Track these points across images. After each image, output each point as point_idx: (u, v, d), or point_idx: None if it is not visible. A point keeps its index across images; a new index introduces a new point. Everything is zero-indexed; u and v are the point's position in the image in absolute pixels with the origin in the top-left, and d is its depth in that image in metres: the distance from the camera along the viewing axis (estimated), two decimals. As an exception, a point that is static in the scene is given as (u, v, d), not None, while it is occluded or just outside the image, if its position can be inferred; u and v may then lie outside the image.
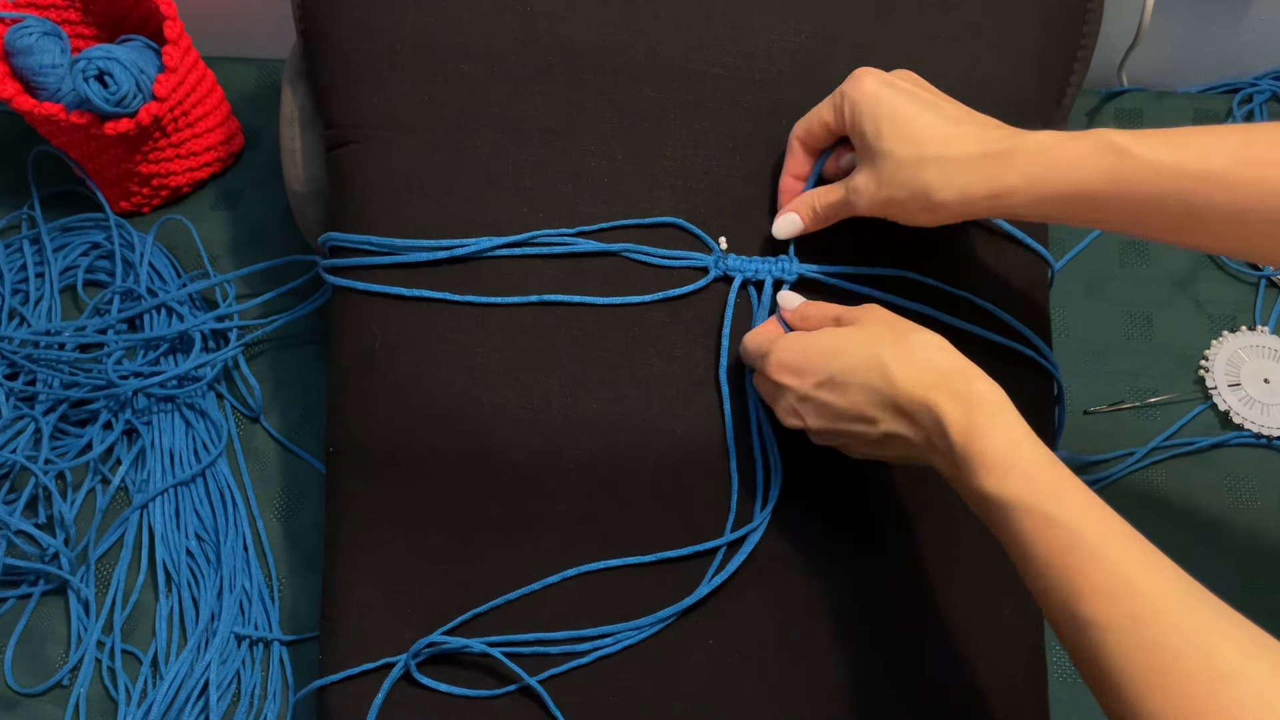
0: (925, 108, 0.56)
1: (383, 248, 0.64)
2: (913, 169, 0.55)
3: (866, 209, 0.58)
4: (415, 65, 0.64)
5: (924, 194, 0.55)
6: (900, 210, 0.57)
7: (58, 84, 0.77)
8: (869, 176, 0.57)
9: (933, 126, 0.55)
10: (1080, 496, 0.48)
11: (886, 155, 0.56)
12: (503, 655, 0.61)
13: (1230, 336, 0.79)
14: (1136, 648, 0.44)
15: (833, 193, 0.60)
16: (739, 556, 0.62)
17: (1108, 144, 0.52)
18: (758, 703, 0.62)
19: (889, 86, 0.57)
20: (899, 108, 0.56)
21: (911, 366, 0.53)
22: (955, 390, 0.51)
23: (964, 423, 0.50)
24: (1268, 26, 0.86)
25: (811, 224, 0.61)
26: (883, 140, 0.56)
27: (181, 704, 0.70)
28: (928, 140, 0.55)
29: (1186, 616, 0.44)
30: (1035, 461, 0.49)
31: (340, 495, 0.65)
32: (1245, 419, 0.76)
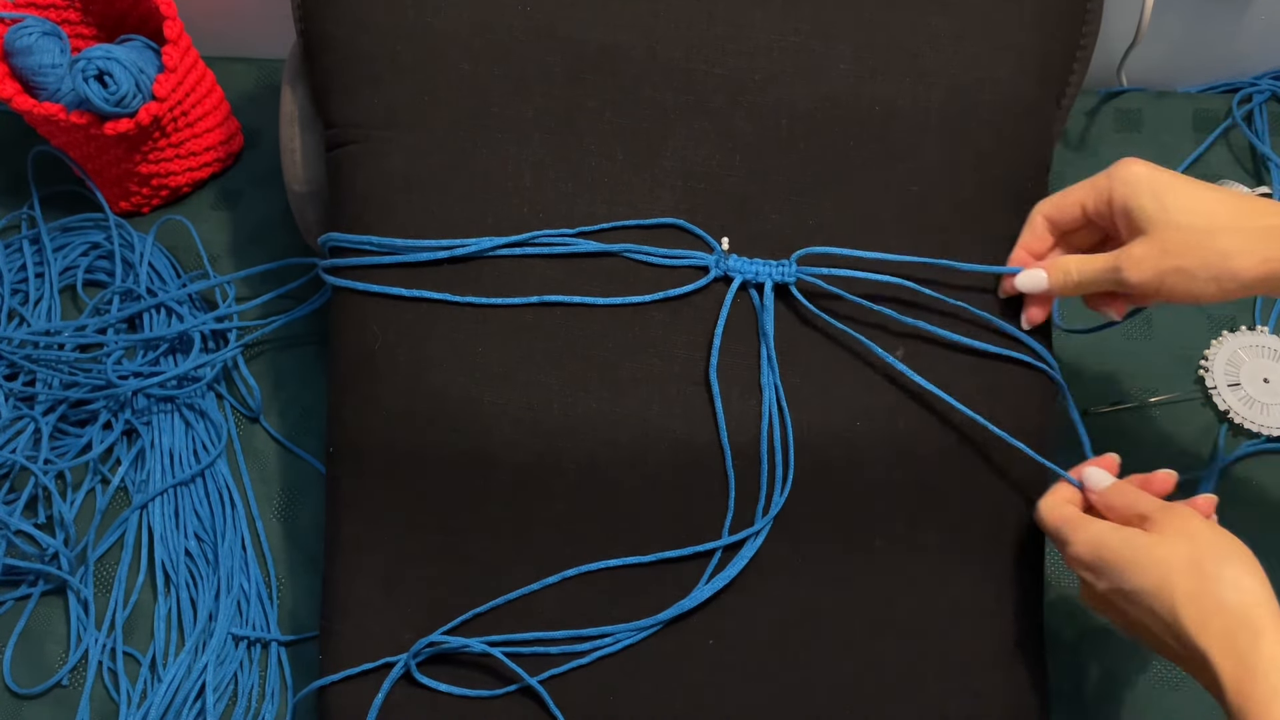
0: (1208, 189, 0.56)
1: (382, 248, 0.64)
2: (1206, 237, 0.54)
3: (1138, 279, 0.56)
4: (415, 65, 0.64)
5: (1218, 261, 0.54)
6: (1183, 280, 0.55)
7: (57, 84, 0.77)
8: (1149, 247, 0.56)
9: (1223, 200, 0.55)
10: None
11: (1173, 226, 0.55)
12: (503, 655, 0.61)
13: (1230, 336, 0.79)
14: None
15: (1097, 260, 0.59)
16: (738, 562, 0.62)
17: None
18: (758, 703, 0.62)
19: (1161, 171, 0.57)
20: (1180, 185, 0.56)
21: (1200, 608, 0.50)
22: (1239, 648, 0.49)
23: (1237, 688, 0.48)
24: (1267, 26, 0.86)
25: (1060, 287, 0.61)
26: (1169, 213, 0.55)
27: (179, 706, 0.69)
28: (1219, 212, 0.54)
29: None
30: None
31: (340, 495, 0.65)
32: (1245, 419, 0.76)
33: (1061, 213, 0.61)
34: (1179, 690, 0.69)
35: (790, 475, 0.62)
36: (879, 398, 0.63)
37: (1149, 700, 0.69)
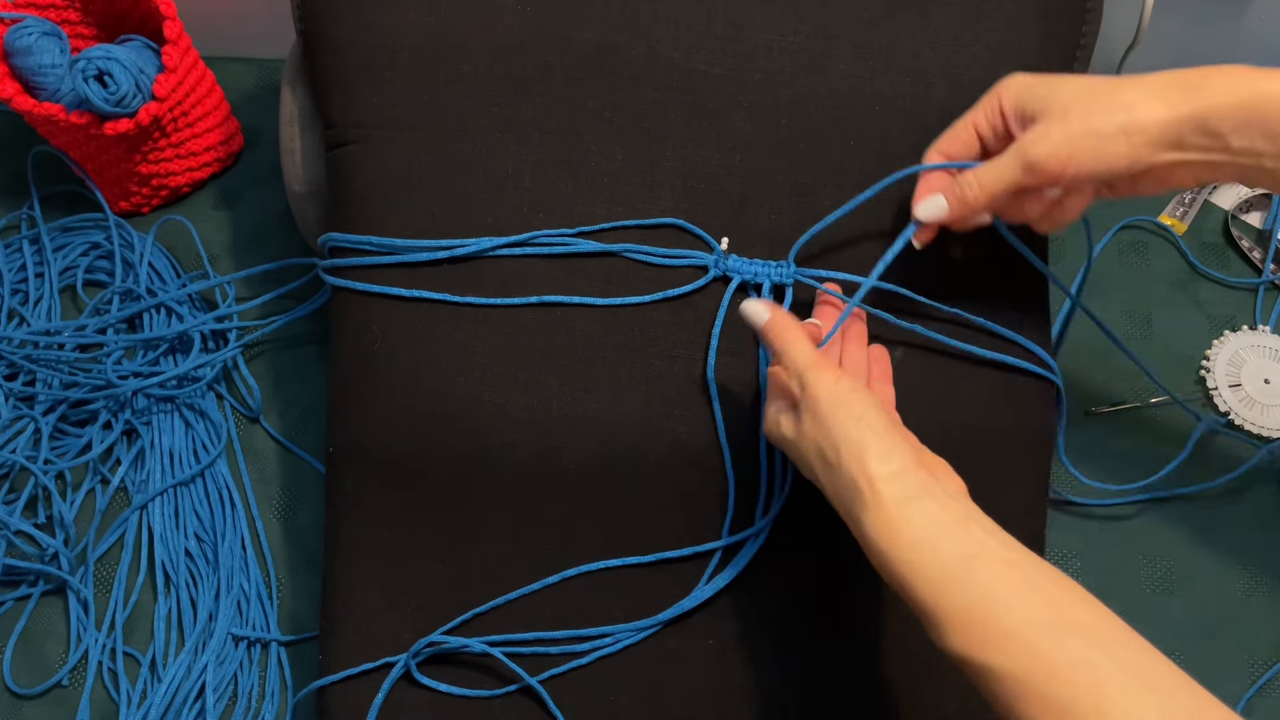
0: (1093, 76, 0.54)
1: (382, 248, 0.64)
2: (1108, 94, 0.52)
3: (1048, 151, 0.53)
4: (415, 65, 0.64)
5: (1124, 114, 0.52)
6: (1094, 143, 0.52)
7: (57, 84, 0.77)
8: (1052, 120, 0.53)
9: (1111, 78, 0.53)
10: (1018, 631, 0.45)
11: (1072, 94, 0.53)
12: (503, 655, 0.61)
13: (1232, 336, 0.78)
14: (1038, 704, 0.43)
15: (997, 159, 0.55)
16: (738, 563, 0.62)
17: None
18: (758, 703, 0.62)
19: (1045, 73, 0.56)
20: (1068, 76, 0.54)
21: (837, 487, 0.51)
22: (874, 525, 0.49)
23: (888, 571, 0.49)
24: (1267, 26, 0.86)
25: (959, 207, 0.57)
26: (1061, 90, 0.53)
27: (179, 706, 0.69)
28: (1112, 79, 0.53)
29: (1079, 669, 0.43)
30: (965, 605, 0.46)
31: (340, 495, 0.65)
32: (1245, 420, 0.76)
33: (957, 142, 0.58)
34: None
35: (789, 478, 0.62)
36: (879, 398, 0.63)
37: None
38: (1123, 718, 0.42)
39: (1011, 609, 0.45)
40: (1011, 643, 0.44)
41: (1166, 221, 0.83)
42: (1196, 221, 0.83)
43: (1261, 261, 0.81)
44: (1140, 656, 0.44)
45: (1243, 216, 0.83)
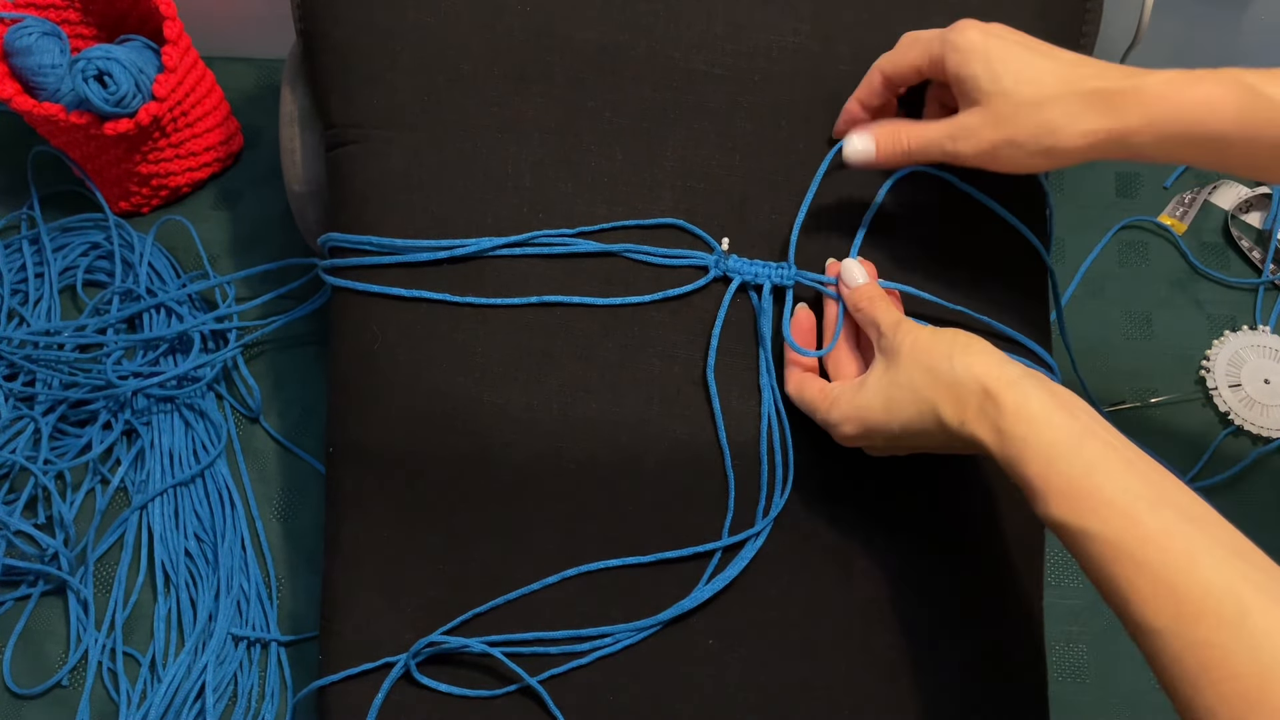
0: (1039, 52, 0.55)
1: (382, 248, 0.64)
2: (1033, 109, 0.54)
3: (971, 151, 0.56)
4: (415, 65, 0.64)
5: (1046, 133, 0.54)
6: (1014, 153, 0.55)
7: (57, 84, 0.77)
8: (982, 117, 0.55)
9: (1050, 67, 0.54)
10: (1117, 500, 0.47)
11: (1003, 95, 0.54)
12: (503, 655, 0.61)
13: (1233, 336, 0.79)
14: (1185, 649, 0.44)
15: (930, 129, 0.57)
16: (738, 563, 0.62)
17: (1238, 83, 0.51)
18: (758, 703, 0.62)
19: (996, 35, 0.56)
20: (1012, 51, 0.55)
21: (955, 408, 0.52)
22: (990, 419, 0.51)
23: (1002, 454, 0.50)
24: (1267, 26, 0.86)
25: (886, 156, 0.59)
26: (999, 81, 0.54)
27: (179, 706, 0.69)
28: (1047, 80, 0.54)
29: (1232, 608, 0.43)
30: (1070, 476, 0.48)
31: (340, 495, 0.65)
32: (1245, 420, 0.76)
33: (899, 70, 0.59)
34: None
35: (790, 478, 0.62)
36: (879, 398, 0.63)
37: (1148, 699, 0.69)
38: (1213, 578, 0.44)
39: (1113, 480, 0.47)
40: (1110, 511, 0.47)
41: (1166, 221, 0.83)
42: (1196, 221, 0.83)
43: (1261, 261, 0.81)
44: (1231, 534, 0.46)
45: (1243, 216, 0.83)
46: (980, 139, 0.55)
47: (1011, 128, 0.54)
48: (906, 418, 0.54)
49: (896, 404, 0.55)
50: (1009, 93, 0.54)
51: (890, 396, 0.55)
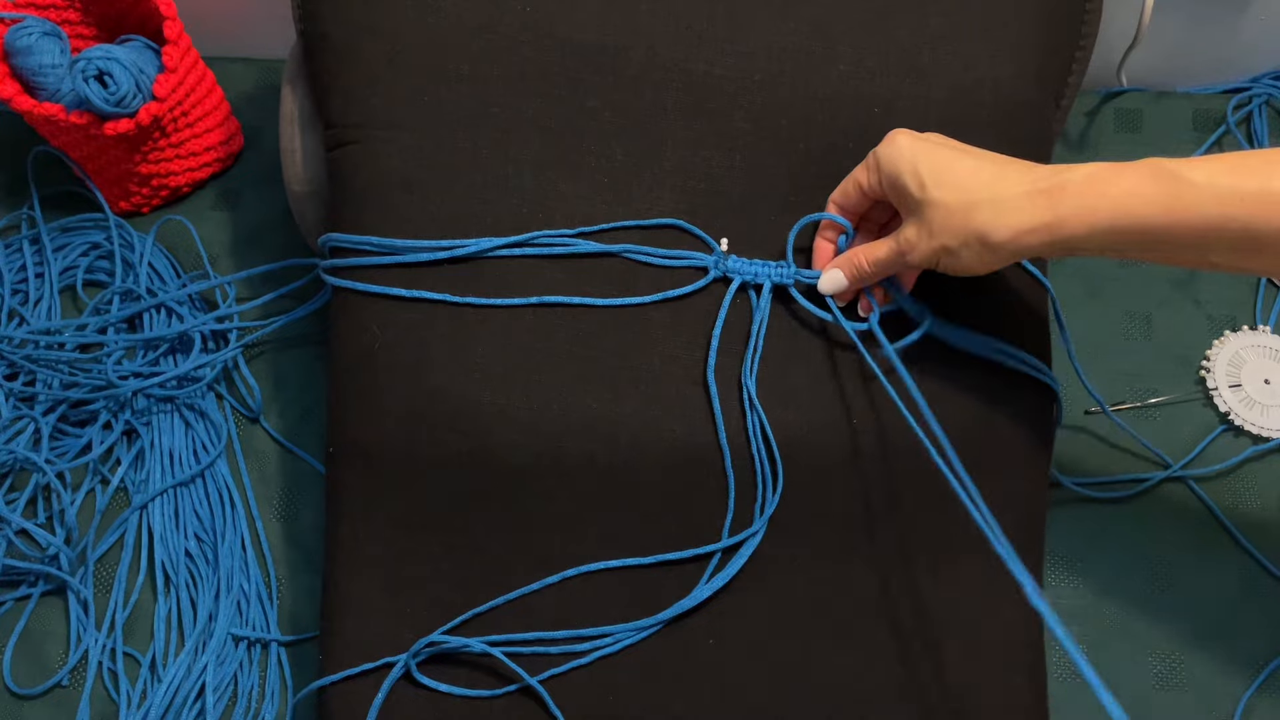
0: (964, 155, 0.56)
1: (382, 248, 0.64)
2: (963, 215, 0.55)
3: (919, 261, 0.58)
4: (415, 65, 0.64)
5: (977, 238, 0.55)
6: (954, 259, 0.57)
7: (57, 84, 0.77)
8: (918, 229, 0.57)
9: (976, 171, 0.55)
10: None
11: (934, 205, 0.56)
12: (503, 655, 0.61)
13: (1233, 336, 0.78)
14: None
15: (880, 248, 0.60)
16: (736, 562, 0.62)
17: (1161, 170, 0.51)
18: (757, 703, 0.62)
19: (923, 141, 0.57)
20: (938, 157, 0.56)
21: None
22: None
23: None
24: (1267, 27, 0.86)
25: (855, 281, 0.62)
26: (927, 190, 0.56)
27: (179, 706, 0.69)
28: (973, 185, 0.55)
29: None
30: None
31: (340, 495, 0.65)
32: (1245, 420, 0.76)
33: (846, 198, 0.61)
34: (1178, 690, 0.69)
35: (780, 477, 0.62)
36: (877, 397, 0.63)
37: (1148, 700, 0.69)
38: None
39: None
40: None
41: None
42: (1196, 221, 0.83)
43: (1261, 261, 0.81)
44: None
45: (1243, 216, 0.83)
46: (921, 251, 0.57)
47: (946, 236, 0.56)
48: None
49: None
50: (937, 201, 0.56)
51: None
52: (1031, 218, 0.54)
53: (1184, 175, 0.51)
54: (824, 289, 0.62)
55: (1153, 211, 0.52)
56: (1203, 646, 0.70)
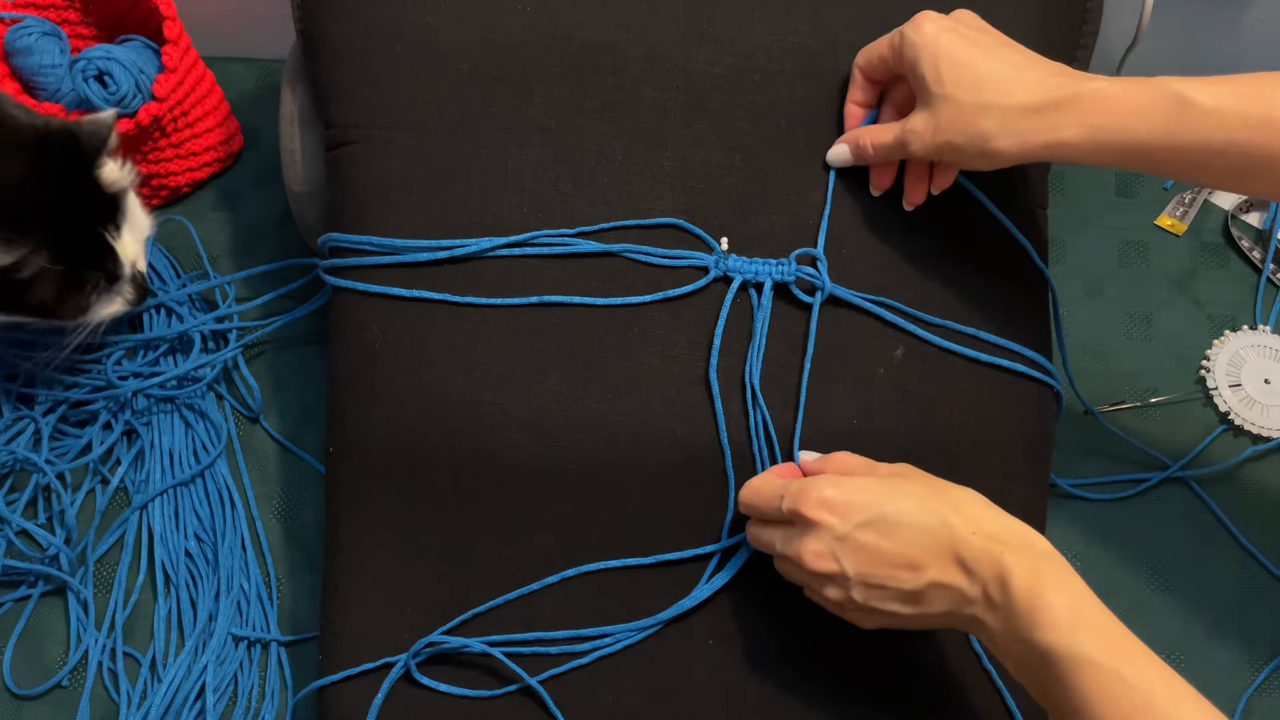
0: (985, 53, 0.56)
1: (382, 248, 0.64)
2: (971, 115, 0.56)
3: (921, 152, 0.58)
4: (415, 65, 0.64)
5: (981, 141, 0.55)
6: (955, 154, 0.57)
7: (57, 84, 0.77)
8: (926, 120, 0.57)
9: (993, 73, 0.55)
10: (1151, 659, 0.48)
11: (945, 100, 0.56)
12: (503, 655, 0.61)
13: (1233, 335, 0.79)
14: None
15: (886, 132, 0.60)
16: (735, 563, 0.62)
17: (1170, 93, 0.52)
18: (757, 703, 0.62)
19: (949, 31, 0.57)
20: (959, 53, 0.56)
21: (970, 518, 0.52)
22: (1020, 544, 0.51)
23: (1030, 576, 0.49)
24: (1267, 27, 0.86)
25: (858, 159, 0.62)
26: (942, 85, 0.56)
27: (179, 706, 0.69)
28: (987, 87, 0.55)
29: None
30: (1104, 620, 0.49)
31: (340, 495, 0.65)
32: (1245, 420, 0.76)
33: (869, 65, 0.62)
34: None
35: None
36: (878, 397, 0.63)
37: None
38: None
39: None
40: None
41: (1166, 222, 0.83)
42: (1196, 221, 0.83)
43: (1261, 261, 0.81)
44: None
45: (1242, 216, 0.83)
46: (924, 142, 0.58)
47: (951, 133, 0.56)
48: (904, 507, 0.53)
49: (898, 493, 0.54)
50: (950, 98, 0.56)
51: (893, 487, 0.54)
52: (1036, 132, 0.54)
53: (1191, 98, 0.52)
54: (833, 161, 0.63)
55: (1157, 133, 0.52)
56: (1203, 646, 0.70)
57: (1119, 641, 0.48)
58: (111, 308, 0.71)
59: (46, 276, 0.65)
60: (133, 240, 0.71)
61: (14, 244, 0.63)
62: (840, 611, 0.56)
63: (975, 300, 0.64)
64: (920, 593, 0.52)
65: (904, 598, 0.53)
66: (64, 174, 0.67)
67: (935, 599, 0.52)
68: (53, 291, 0.67)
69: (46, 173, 0.66)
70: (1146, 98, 0.52)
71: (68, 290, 0.67)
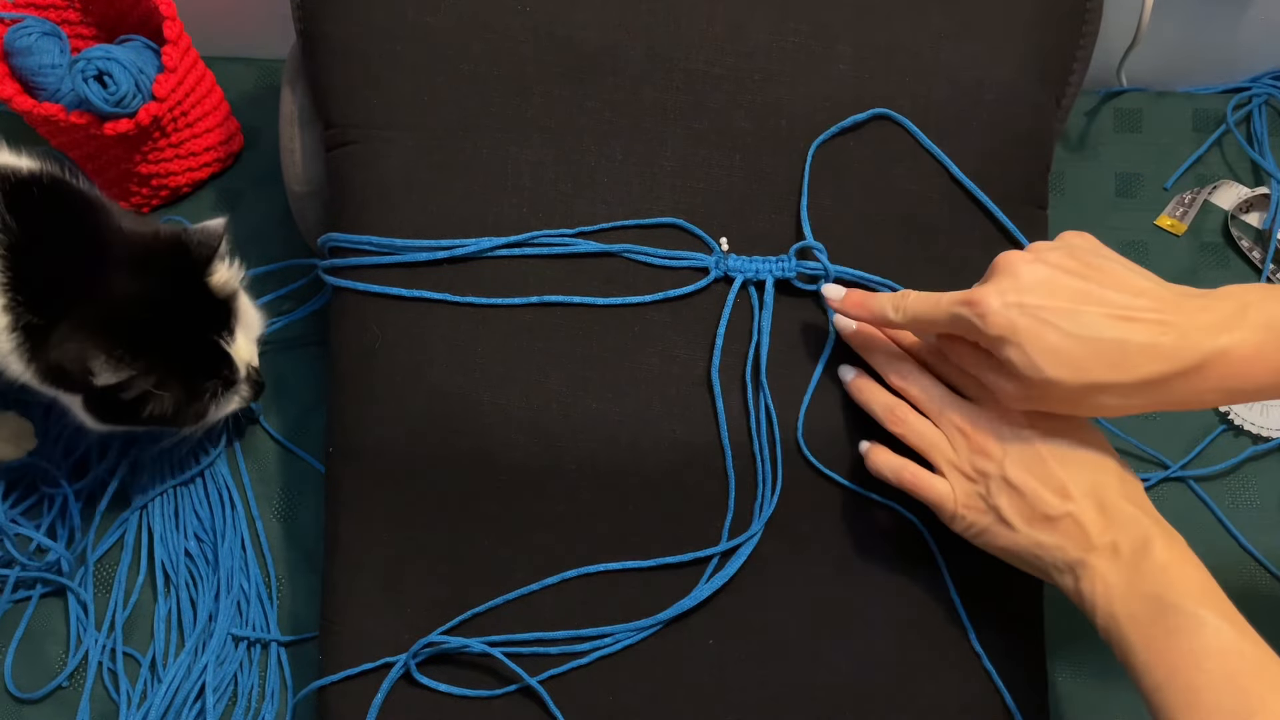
0: (1074, 321, 0.50)
1: (382, 248, 0.64)
2: (1079, 394, 0.52)
3: (1007, 404, 0.55)
4: (415, 65, 0.64)
5: (1091, 412, 0.54)
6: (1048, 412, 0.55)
7: (57, 84, 0.77)
8: (1019, 389, 0.53)
9: (1097, 349, 0.50)
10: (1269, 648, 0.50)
11: (1046, 384, 0.52)
12: (503, 655, 0.61)
13: (1230, 336, 0.78)
14: None
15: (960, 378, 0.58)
16: (735, 563, 0.62)
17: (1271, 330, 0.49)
18: (757, 703, 0.62)
19: (1020, 310, 0.51)
20: (1044, 336, 0.51)
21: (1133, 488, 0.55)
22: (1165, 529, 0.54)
23: (1171, 550, 0.52)
24: (1267, 27, 0.86)
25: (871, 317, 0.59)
26: (1041, 371, 0.51)
27: (179, 706, 0.69)
28: (1093, 367, 0.50)
29: None
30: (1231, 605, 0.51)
31: (340, 495, 0.65)
32: (1245, 420, 0.76)
33: (915, 319, 0.57)
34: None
35: (779, 478, 0.62)
36: (879, 398, 0.63)
37: (1149, 700, 0.69)
38: None
39: None
40: None
41: (1166, 222, 0.83)
42: (1196, 222, 0.83)
43: (1261, 261, 0.81)
44: None
45: (1242, 216, 0.83)
46: (1017, 405, 0.55)
47: (1055, 404, 0.54)
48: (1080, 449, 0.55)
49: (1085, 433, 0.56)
50: (1051, 381, 0.51)
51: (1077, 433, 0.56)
52: (1153, 402, 0.52)
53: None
54: (828, 294, 0.61)
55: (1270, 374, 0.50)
56: (1203, 646, 0.70)
57: (1243, 623, 0.50)
58: (228, 408, 0.70)
59: (160, 394, 0.64)
60: (246, 341, 0.69)
61: (123, 363, 0.62)
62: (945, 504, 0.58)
63: None
64: (1053, 519, 0.54)
65: (1032, 516, 0.55)
66: (175, 286, 0.65)
67: (1060, 530, 0.54)
68: (168, 406, 0.65)
69: (157, 286, 0.64)
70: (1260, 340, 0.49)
71: (184, 403, 0.66)
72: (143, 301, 0.64)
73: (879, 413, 0.60)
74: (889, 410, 0.60)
